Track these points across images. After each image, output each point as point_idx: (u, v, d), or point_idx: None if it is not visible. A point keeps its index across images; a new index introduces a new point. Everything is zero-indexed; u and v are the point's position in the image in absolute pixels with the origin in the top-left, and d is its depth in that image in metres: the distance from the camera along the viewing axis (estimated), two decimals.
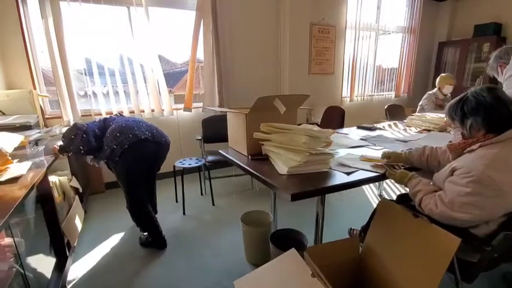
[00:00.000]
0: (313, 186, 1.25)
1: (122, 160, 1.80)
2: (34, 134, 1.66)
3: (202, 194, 2.94)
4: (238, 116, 1.70)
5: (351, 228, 2.01)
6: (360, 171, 1.42)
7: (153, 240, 2.06)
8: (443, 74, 3.33)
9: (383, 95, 5.06)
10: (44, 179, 1.43)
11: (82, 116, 2.85)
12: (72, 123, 2.69)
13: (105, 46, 2.80)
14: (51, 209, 1.49)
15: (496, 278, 1.63)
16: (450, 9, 5.16)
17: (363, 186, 2.94)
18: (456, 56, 5.12)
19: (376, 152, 1.72)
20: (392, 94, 5.13)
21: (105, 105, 2.93)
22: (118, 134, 1.78)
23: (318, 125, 3.58)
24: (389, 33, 4.86)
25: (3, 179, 1.19)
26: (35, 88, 2.57)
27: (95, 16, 2.71)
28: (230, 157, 1.75)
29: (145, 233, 2.11)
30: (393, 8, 4.69)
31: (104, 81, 2.89)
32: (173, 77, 5.60)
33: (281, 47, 3.72)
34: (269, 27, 3.63)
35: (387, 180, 2.38)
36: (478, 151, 1.04)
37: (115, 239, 2.16)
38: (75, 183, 2.14)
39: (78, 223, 1.96)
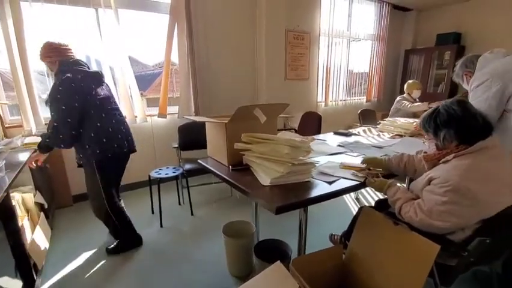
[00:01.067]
0: (297, 197, 1.23)
1: (101, 164, 1.84)
2: None
3: (180, 203, 2.83)
4: (218, 126, 1.65)
5: (332, 234, 2.03)
6: (342, 179, 1.44)
7: (130, 239, 2.11)
8: (409, 81, 3.52)
9: (355, 99, 5.25)
10: (6, 198, 1.28)
11: (46, 124, 2.63)
12: (34, 132, 2.49)
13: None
14: (14, 230, 1.34)
15: (466, 276, 1.72)
16: (414, 19, 5.49)
17: None
18: (421, 63, 5.45)
19: (354, 159, 1.76)
20: (364, 99, 5.35)
21: None
22: (104, 140, 1.81)
23: (295, 131, 3.62)
24: (360, 40, 5.06)
25: None
26: None
27: (60, 17, 2.53)
28: (210, 167, 1.69)
29: (115, 242, 2.09)
30: (363, 16, 4.89)
31: None
32: (145, 80, 5.38)
33: (258, 52, 3.72)
34: (245, 33, 3.61)
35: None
36: (452, 162, 1.09)
37: (85, 257, 2.01)
38: (40, 198, 1.96)
39: (44, 242, 1.79)
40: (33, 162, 1.81)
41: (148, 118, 3.16)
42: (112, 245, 2.07)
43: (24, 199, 1.70)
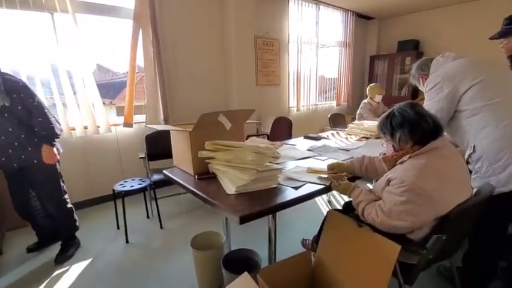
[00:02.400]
0: (262, 205, 1.21)
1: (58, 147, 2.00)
2: None
3: (148, 216, 2.70)
4: (182, 134, 1.60)
5: (303, 239, 2.03)
6: (308, 184, 1.44)
7: (74, 239, 2.19)
8: (371, 85, 3.67)
9: (326, 104, 5.40)
10: None
11: None
12: None
13: (22, 53, 2.43)
14: None
15: (430, 272, 1.78)
16: (377, 27, 5.80)
17: None
18: (385, 68, 5.74)
19: (322, 163, 1.78)
20: (334, 103, 5.51)
21: None
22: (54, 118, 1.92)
23: (267, 136, 3.63)
24: (328, 47, 5.23)
25: None
26: None
27: (10, 22, 2.35)
28: (175, 178, 1.62)
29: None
30: (330, 23, 5.06)
31: None
32: (115, 88, 5.14)
33: (228, 58, 3.70)
34: (214, 39, 3.59)
35: None
36: (408, 162, 1.12)
37: (39, 283, 1.82)
38: None
39: None
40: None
41: (113, 128, 3.01)
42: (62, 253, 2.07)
43: None
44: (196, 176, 1.56)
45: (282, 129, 3.40)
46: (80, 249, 2.19)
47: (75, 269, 1.96)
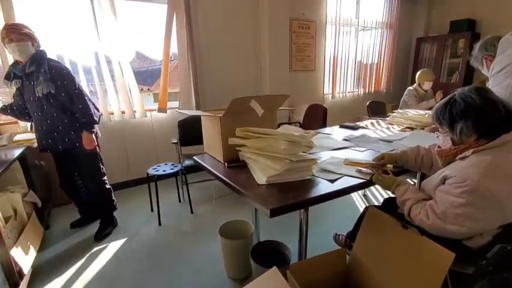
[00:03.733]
0: (294, 198, 1.12)
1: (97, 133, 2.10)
2: None
3: (179, 201, 2.76)
4: (212, 120, 1.55)
5: (336, 234, 1.92)
6: (345, 177, 1.32)
7: (112, 218, 2.31)
8: (422, 70, 3.32)
9: (363, 91, 5.05)
10: None
11: None
12: (29, 129, 2.44)
13: (67, 40, 2.54)
14: None
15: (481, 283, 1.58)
16: (427, 5, 5.21)
17: None
18: (433, 52, 5.18)
19: (360, 154, 1.63)
20: (373, 90, 5.13)
21: None
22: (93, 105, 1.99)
23: (299, 124, 3.49)
24: (369, 29, 4.84)
25: None
26: None
27: (52, 11, 2.45)
28: (205, 165, 1.59)
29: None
30: (372, 3, 4.65)
31: None
32: (152, 75, 5.27)
33: (261, 42, 3.57)
34: (247, 22, 3.47)
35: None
36: (471, 158, 0.95)
37: (79, 258, 1.95)
38: (32, 197, 1.91)
39: (33, 244, 1.73)
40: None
41: (148, 113, 3.08)
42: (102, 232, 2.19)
43: (10, 199, 1.64)
44: (226, 164, 1.51)
45: (316, 117, 3.24)
46: (117, 229, 2.30)
47: (112, 247, 2.07)
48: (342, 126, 2.45)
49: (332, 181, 1.27)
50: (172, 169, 2.36)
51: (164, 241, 2.13)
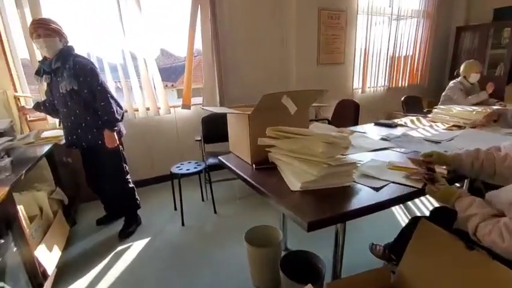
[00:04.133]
0: (334, 209, 0.98)
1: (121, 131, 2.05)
2: (2, 143, 1.42)
3: (203, 199, 2.70)
4: (240, 117, 1.43)
5: (373, 244, 1.74)
6: (391, 184, 1.15)
7: (135, 217, 2.27)
8: (468, 62, 2.98)
9: (396, 85, 4.71)
10: (8, 200, 1.19)
11: None
12: (58, 126, 2.46)
13: (93, 37, 2.53)
14: (18, 234, 1.25)
15: None
16: None
17: None
18: (475, 42, 4.71)
19: (404, 157, 1.44)
20: (406, 84, 4.77)
21: None
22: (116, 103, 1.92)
23: (328, 121, 3.29)
24: (403, 18, 4.47)
25: None
26: (14, 87, 2.33)
27: (78, 6, 2.44)
28: (230, 166, 1.49)
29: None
30: None
31: None
32: (175, 71, 5.28)
33: (287, 35, 3.40)
34: (274, 14, 3.30)
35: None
36: None
37: (104, 257, 1.93)
38: (59, 194, 1.91)
39: (59, 244, 1.72)
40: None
41: (172, 110, 3.04)
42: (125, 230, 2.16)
43: (36, 197, 1.64)
44: (254, 165, 1.39)
45: (347, 114, 3.03)
46: (141, 227, 2.27)
47: (136, 246, 2.04)
48: (377, 124, 2.24)
49: (377, 189, 1.11)
50: (195, 168, 2.28)
51: (187, 242, 2.06)
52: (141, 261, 1.88)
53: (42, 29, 1.73)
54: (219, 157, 1.61)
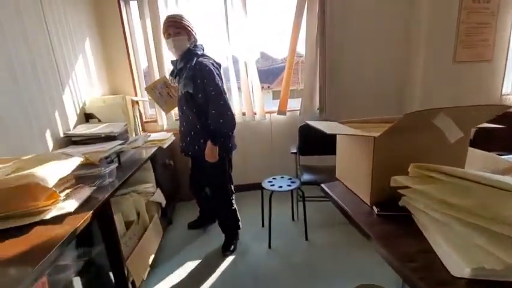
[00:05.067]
0: None
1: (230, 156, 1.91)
2: (112, 148, 1.49)
3: (293, 219, 2.40)
4: (359, 140, 1.05)
5: None
6: None
7: (236, 235, 2.08)
8: None
9: None
10: (105, 208, 1.18)
11: (177, 120, 2.74)
12: (165, 128, 2.60)
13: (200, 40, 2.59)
14: (113, 243, 1.25)
15: None
16: None
17: None
18: None
19: None
20: None
21: None
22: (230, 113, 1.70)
23: (471, 142, 2.45)
24: None
25: (48, 216, 0.95)
26: (135, 92, 2.58)
27: (192, 13, 2.52)
28: (338, 200, 1.13)
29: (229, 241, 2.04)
30: None
31: None
32: (273, 73, 5.23)
33: (414, 26, 2.73)
34: (399, 5, 2.71)
35: None
36: None
37: (194, 263, 1.88)
38: (158, 197, 1.96)
39: (151, 251, 1.73)
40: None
41: (267, 115, 2.86)
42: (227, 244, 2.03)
43: (136, 202, 1.68)
44: (374, 208, 0.99)
45: (496, 132, 2.15)
46: None
47: (221, 266, 1.89)
48: None
49: None
50: (289, 185, 2.00)
51: (272, 270, 1.80)
52: (223, 284, 1.72)
53: (173, 28, 1.64)
54: (322, 185, 1.27)
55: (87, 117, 2.04)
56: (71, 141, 1.74)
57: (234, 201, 1.99)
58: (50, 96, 1.68)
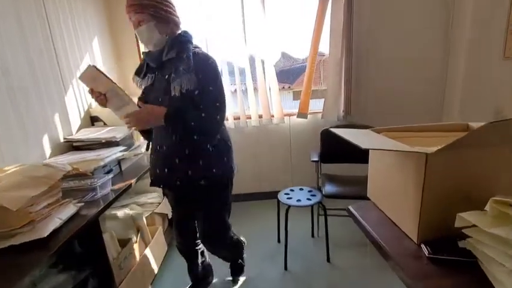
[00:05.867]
0: None
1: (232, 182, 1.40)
2: (109, 155, 1.34)
3: (313, 235, 2.15)
4: (404, 157, 0.80)
5: None
6: None
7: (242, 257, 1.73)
8: None
9: None
10: (93, 226, 1.02)
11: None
12: None
13: (215, 39, 2.43)
14: (103, 266, 1.09)
15: None
16: None
17: None
18: None
19: None
20: None
21: None
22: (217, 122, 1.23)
23: None
24: None
25: (18, 242, 0.80)
26: None
27: (207, 13, 2.36)
28: (371, 231, 0.89)
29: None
30: None
31: None
32: (293, 73, 5.02)
33: (456, 18, 2.39)
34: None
35: None
36: None
37: None
38: (164, 207, 1.79)
39: (151, 273, 1.56)
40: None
41: (286, 118, 2.64)
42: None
43: (134, 216, 1.51)
44: (424, 248, 0.74)
45: None
46: None
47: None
48: None
49: None
50: (309, 199, 1.76)
51: None
52: None
53: (134, 11, 1.13)
54: (350, 208, 1.03)
55: (92, 120, 1.93)
56: (72, 146, 1.62)
57: (233, 234, 1.54)
58: (50, 97, 1.57)
